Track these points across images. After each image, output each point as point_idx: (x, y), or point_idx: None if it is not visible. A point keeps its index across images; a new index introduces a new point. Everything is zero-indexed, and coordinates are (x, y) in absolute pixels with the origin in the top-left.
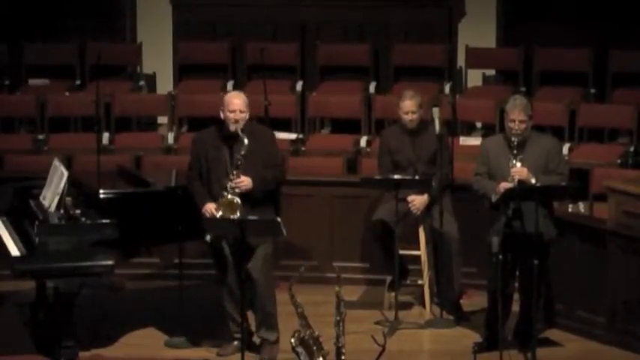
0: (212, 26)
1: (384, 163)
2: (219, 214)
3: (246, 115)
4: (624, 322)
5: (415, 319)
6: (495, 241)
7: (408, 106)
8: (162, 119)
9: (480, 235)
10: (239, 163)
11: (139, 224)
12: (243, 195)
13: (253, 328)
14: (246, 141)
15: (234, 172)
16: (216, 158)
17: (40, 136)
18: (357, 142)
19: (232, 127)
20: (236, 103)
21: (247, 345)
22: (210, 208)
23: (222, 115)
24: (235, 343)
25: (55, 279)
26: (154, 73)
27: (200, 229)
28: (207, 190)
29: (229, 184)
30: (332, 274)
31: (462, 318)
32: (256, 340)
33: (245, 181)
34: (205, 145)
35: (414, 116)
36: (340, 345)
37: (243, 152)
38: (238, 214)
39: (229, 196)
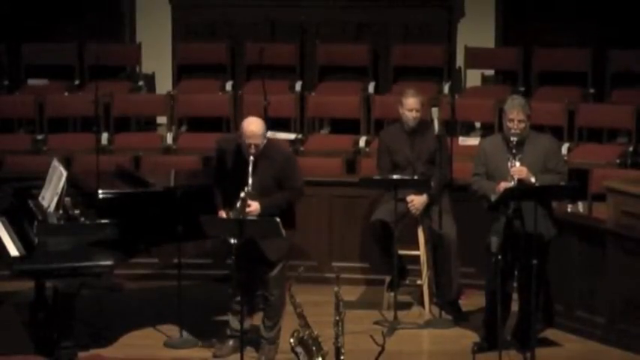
0: (211, 26)
1: (383, 163)
2: None
3: (262, 143)
4: (623, 323)
5: (414, 319)
6: (494, 241)
7: (412, 104)
8: (162, 119)
9: (479, 235)
10: (245, 195)
11: (138, 224)
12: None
13: (249, 325)
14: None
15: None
16: (235, 173)
17: (39, 137)
18: (356, 143)
19: (247, 155)
20: (251, 133)
21: (243, 342)
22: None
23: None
24: (231, 342)
25: (54, 279)
26: (153, 73)
27: (199, 229)
28: (224, 197)
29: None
30: (331, 274)
31: (460, 318)
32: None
33: (253, 208)
34: (228, 153)
35: (418, 114)
36: (339, 345)
37: (251, 190)
38: None
39: None
